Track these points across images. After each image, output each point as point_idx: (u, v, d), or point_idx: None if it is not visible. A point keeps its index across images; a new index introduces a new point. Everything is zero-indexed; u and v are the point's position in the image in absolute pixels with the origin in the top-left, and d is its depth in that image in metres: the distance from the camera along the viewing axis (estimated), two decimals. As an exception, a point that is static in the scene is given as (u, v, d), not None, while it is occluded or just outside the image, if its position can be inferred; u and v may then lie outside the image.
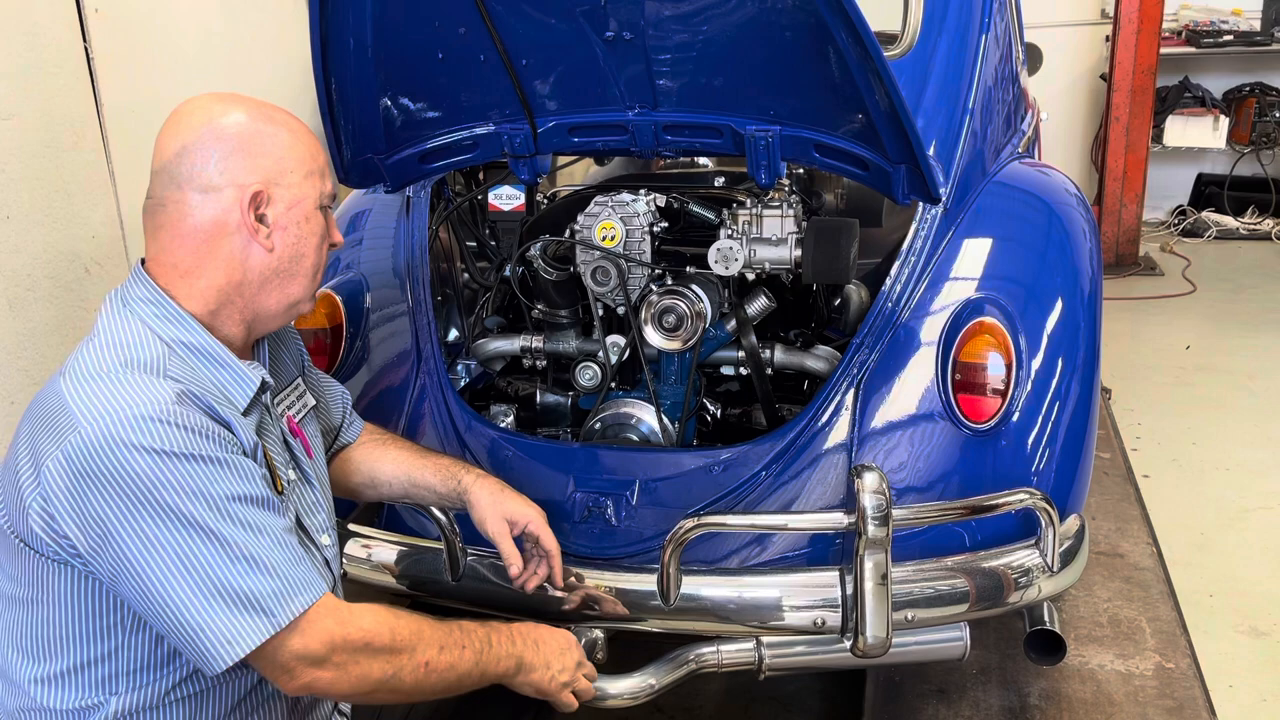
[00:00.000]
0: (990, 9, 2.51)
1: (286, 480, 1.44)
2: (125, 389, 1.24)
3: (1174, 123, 6.19)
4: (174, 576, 1.20)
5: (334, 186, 1.49)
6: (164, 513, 1.20)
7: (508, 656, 1.46)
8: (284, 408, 1.54)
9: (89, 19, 2.53)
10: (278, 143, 1.39)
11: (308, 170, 1.42)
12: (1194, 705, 2.28)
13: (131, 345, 1.30)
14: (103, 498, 1.19)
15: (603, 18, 1.72)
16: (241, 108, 1.39)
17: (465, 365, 2.36)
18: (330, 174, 1.48)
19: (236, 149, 1.35)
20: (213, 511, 1.22)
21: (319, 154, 1.45)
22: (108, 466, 1.19)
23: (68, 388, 1.25)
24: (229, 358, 1.37)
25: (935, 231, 2.13)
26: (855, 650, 1.70)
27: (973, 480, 1.89)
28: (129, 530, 1.20)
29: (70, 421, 1.22)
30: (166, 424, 1.21)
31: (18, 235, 2.30)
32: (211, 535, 1.21)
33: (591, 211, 2.17)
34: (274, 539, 1.26)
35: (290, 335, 1.69)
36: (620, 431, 2.15)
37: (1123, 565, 2.81)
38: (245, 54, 3.40)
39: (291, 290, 1.43)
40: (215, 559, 1.21)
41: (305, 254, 1.43)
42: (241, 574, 1.22)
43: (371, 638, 1.29)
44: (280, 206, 1.39)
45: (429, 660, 1.34)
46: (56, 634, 1.29)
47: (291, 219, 1.40)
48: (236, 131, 1.36)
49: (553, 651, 1.53)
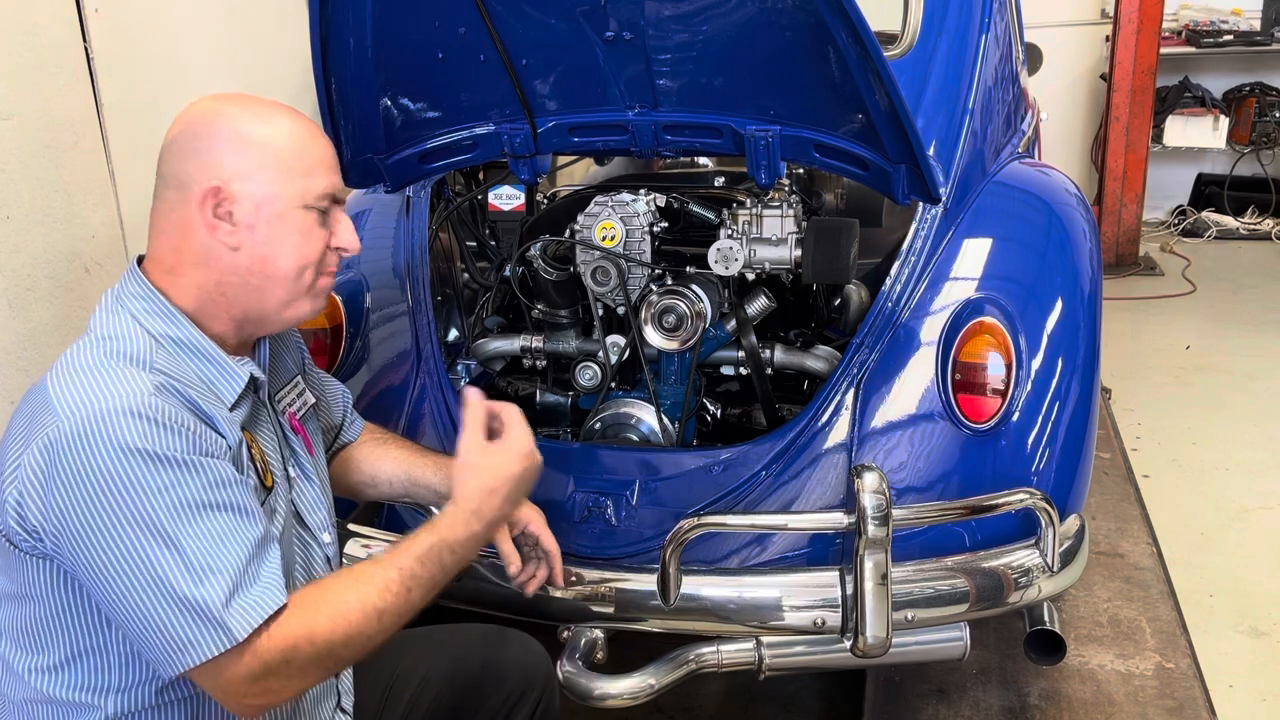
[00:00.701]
0: (990, 9, 2.52)
1: (282, 476, 1.44)
2: (105, 381, 1.23)
3: (1174, 123, 6.19)
4: (128, 578, 1.18)
5: (336, 187, 1.42)
6: (124, 513, 1.18)
7: (436, 557, 1.35)
8: (285, 404, 1.53)
9: (89, 19, 2.53)
10: (255, 139, 1.34)
11: (288, 168, 1.35)
12: (1194, 705, 2.28)
13: (118, 338, 1.30)
14: (68, 492, 1.19)
15: (603, 18, 1.72)
16: (233, 104, 1.37)
17: (465, 365, 2.36)
18: (338, 173, 1.43)
19: (209, 146, 1.33)
20: (174, 515, 1.19)
21: (311, 152, 1.38)
22: (78, 462, 1.18)
23: (53, 383, 1.25)
24: (216, 353, 1.36)
25: (935, 231, 2.13)
26: (855, 650, 1.70)
27: (973, 480, 1.89)
28: (89, 527, 1.18)
29: (51, 416, 1.21)
30: (141, 418, 1.19)
31: (18, 235, 2.30)
32: (168, 540, 1.18)
33: (591, 211, 2.17)
34: (237, 548, 1.21)
35: (291, 334, 1.68)
36: (620, 431, 2.15)
37: (1123, 565, 2.81)
38: (245, 54, 3.40)
39: (273, 292, 1.38)
40: (169, 565, 1.18)
41: (278, 255, 1.36)
42: (194, 583, 1.18)
43: (329, 638, 1.25)
44: (247, 205, 1.33)
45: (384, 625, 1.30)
46: (46, 628, 1.29)
47: (261, 218, 1.34)
48: (213, 128, 1.34)
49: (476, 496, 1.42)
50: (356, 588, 1.28)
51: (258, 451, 1.39)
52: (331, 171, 1.41)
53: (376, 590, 1.29)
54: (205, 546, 1.20)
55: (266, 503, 1.36)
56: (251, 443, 1.38)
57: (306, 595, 1.28)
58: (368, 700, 1.55)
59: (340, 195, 1.43)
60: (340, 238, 1.43)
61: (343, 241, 1.43)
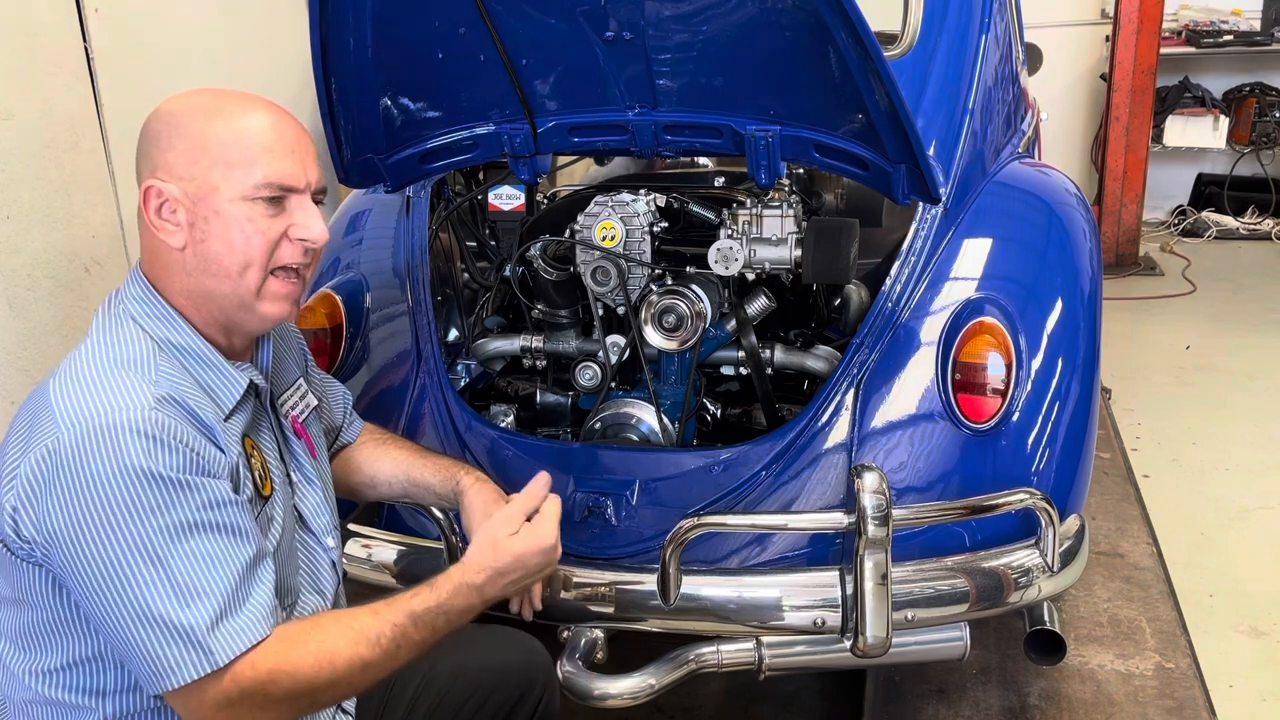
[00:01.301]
0: (990, 9, 2.52)
1: (283, 481, 1.43)
2: (106, 391, 1.22)
3: (1174, 123, 6.19)
4: (116, 596, 1.17)
5: (283, 175, 1.32)
6: (116, 531, 1.17)
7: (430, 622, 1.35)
8: (288, 408, 1.53)
9: (89, 19, 2.53)
10: (188, 133, 1.29)
11: (226, 160, 1.28)
12: (1194, 705, 2.28)
13: (120, 343, 1.29)
14: (61, 506, 1.18)
15: (603, 18, 1.71)
16: (186, 100, 1.32)
17: (465, 365, 2.36)
18: (291, 161, 1.33)
19: (151, 145, 1.31)
20: (165, 536, 1.18)
21: (248, 141, 1.30)
22: (73, 476, 1.17)
23: (56, 389, 1.25)
24: (215, 358, 1.34)
25: (935, 231, 2.13)
26: (855, 650, 1.70)
27: (973, 480, 1.89)
28: (80, 541, 1.17)
29: (51, 424, 1.21)
30: (140, 434, 1.18)
31: (18, 235, 2.30)
32: (158, 561, 1.17)
33: (591, 211, 2.17)
34: (226, 571, 1.20)
35: (292, 335, 1.68)
36: (620, 431, 2.15)
37: (1123, 565, 2.81)
38: (245, 54, 3.40)
39: (222, 290, 1.32)
40: (156, 586, 1.17)
41: (220, 252, 1.30)
42: (180, 605, 1.17)
43: (312, 678, 1.23)
44: (186, 201, 1.29)
45: (366, 678, 1.29)
46: (43, 632, 1.28)
47: (199, 214, 1.29)
48: (156, 126, 1.31)
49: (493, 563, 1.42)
50: (348, 635, 1.27)
51: (257, 459, 1.38)
52: (280, 159, 1.32)
53: (367, 643, 1.28)
54: (194, 568, 1.19)
55: (264, 512, 1.35)
56: (251, 450, 1.37)
57: (298, 630, 1.27)
58: (368, 700, 1.55)
59: (295, 184, 1.33)
60: (299, 228, 1.34)
61: (302, 232, 1.34)
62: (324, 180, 1.40)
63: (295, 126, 1.36)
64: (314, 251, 1.38)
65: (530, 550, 1.44)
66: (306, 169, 1.35)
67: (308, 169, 1.35)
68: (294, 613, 1.43)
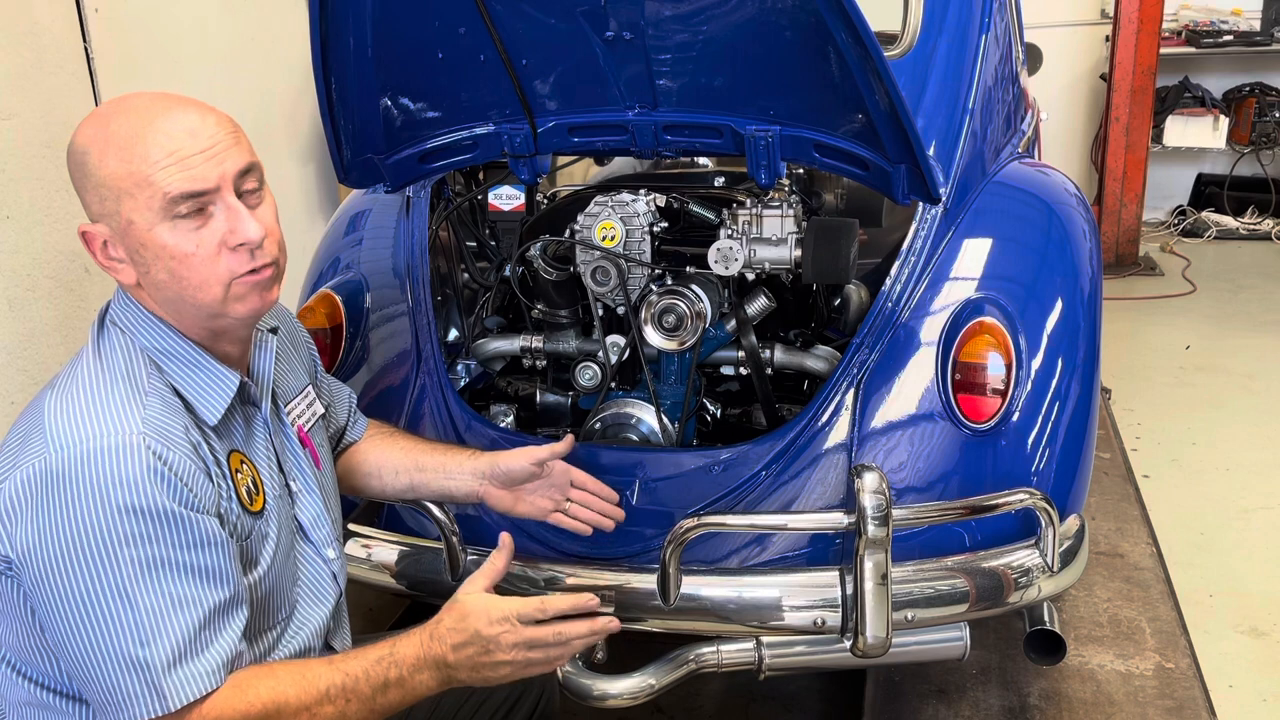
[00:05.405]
0: (990, 9, 2.51)
1: (282, 492, 1.42)
2: (96, 411, 1.22)
3: (1174, 123, 6.19)
4: (80, 624, 1.17)
5: (184, 185, 1.21)
6: (88, 561, 1.16)
7: (382, 683, 1.30)
8: (293, 416, 1.52)
9: (89, 19, 2.54)
10: (91, 170, 1.23)
11: (126, 191, 1.21)
12: (1194, 705, 2.28)
13: (111, 354, 1.29)
14: (39, 529, 1.17)
15: (603, 18, 1.72)
16: (84, 132, 1.25)
17: (465, 365, 2.36)
18: (186, 167, 1.21)
19: (75, 185, 1.26)
20: (137, 571, 1.17)
21: (141, 164, 1.20)
22: (54, 501, 1.17)
23: (50, 405, 1.24)
24: (204, 359, 1.33)
25: (935, 231, 2.13)
26: (855, 650, 1.70)
27: (973, 480, 1.89)
28: (51, 565, 1.17)
29: (41, 443, 1.21)
30: (125, 463, 1.17)
31: (18, 235, 2.30)
32: (125, 596, 1.17)
33: (591, 211, 2.17)
34: (192, 615, 1.19)
35: (302, 337, 1.67)
36: (620, 431, 2.15)
37: (1123, 565, 2.81)
38: (245, 54, 3.40)
39: (187, 305, 1.28)
40: (120, 620, 1.17)
41: (167, 280, 1.25)
42: (140, 643, 1.17)
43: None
44: (116, 238, 1.25)
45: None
46: (26, 645, 1.28)
47: (131, 248, 1.25)
48: (70, 166, 1.27)
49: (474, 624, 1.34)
50: (300, 684, 1.26)
51: (245, 475, 1.36)
52: (173, 171, 1.21)
53: (315, 695, 1.26)
54: (161, 607, 1.18)
55: (255, 529, 1.34)
56: (239, 466, 1.35)
57: (251, 676, 1.26)
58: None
59: (203, 187, 1.22)
60: (232, 235, 1.25)
61: (236, 238, 1.25)
62: (249, 158, 1.28)
63: (189, 121, 1.24)
64: (262, 249, 1.28)
65: (508, 642, 1.33)
66: (214, 163, 1.23)
67: (218, 162, 1.24)
68: (291, 625, 1.42)
